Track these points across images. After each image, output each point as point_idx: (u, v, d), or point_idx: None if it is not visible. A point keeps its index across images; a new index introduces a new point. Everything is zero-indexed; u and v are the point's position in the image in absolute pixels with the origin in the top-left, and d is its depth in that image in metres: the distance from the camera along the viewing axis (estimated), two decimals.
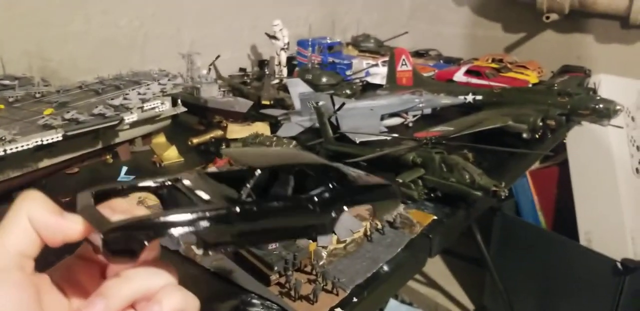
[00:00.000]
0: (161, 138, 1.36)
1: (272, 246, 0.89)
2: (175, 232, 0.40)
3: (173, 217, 0.40)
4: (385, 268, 0.94)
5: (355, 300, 0.85)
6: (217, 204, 0.45)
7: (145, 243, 0.37)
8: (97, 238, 0.36)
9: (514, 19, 2.50)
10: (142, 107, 1.17)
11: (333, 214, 0.54)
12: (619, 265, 1.88)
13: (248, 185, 0.48)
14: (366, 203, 0.59)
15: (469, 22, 2.63)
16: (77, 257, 0.41)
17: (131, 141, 1.28)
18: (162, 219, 0.39)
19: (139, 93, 1.20)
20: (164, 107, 1.22)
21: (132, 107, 1.14)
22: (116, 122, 1.10)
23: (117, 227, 0.36)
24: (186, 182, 0.50)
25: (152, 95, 1.20)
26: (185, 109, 1.32)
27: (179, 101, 1.31)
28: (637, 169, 2.11)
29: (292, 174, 0.56)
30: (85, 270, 0.41)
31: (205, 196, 0.47)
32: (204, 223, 0.42)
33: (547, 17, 2.29)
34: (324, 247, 0.93)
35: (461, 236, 1.78)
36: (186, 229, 0.41)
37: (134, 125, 1.18)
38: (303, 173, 0.56)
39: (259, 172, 0.49)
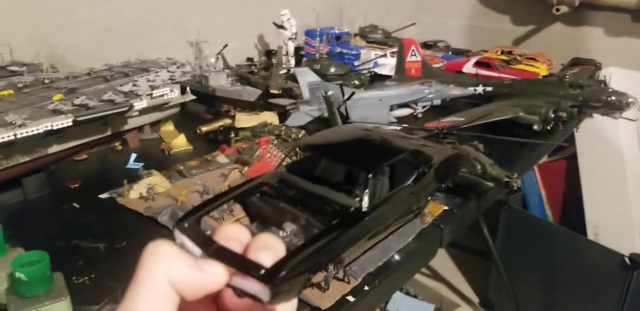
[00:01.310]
0: (170, 126, 1.35)
1: (283, 233, 0.89)
2: (330, 259, 0.43)
3: (323, 247, 0.41)
4: (397, 257, 0.93)
5: (366, 288, 0.85)
6: (341, 216, 0.45)
7: (309, 278, 0.38)
8: (250, 286, 0.33)
9: (522, 11, 2.48)
10: (151, 94, 1.16)
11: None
12: (626, 259, 1.87)
13: (366, 191, 0.48)
14: (450, 175, 0.66)
15: (476, 14, 2.61)
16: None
17: (140, 128, 1.27)
18: (314, 253, 0.40)
19: (148, 80, 1.19)
20: (173, 94, 1.21)
21: (141, 93, 1.13)
22: (126, 109, 1.09)
23: (280, 274, 0.35)
24: (279, 188, 0.50)
25: (162, 83, 1.19)
26: (194, 97, 1.31)
27: (188, 89, 1.30)
28: None
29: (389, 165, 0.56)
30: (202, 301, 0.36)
31: (313, 204, 0.48)
32: (346, 242, 0.44)
33: (557, 10, 2.27)
34: None
35: (468, 229, 1.77)
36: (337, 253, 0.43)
37: (143, 112, 1.17)
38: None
39: (369, 176, 0.50)
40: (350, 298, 0.82)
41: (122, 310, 0.31)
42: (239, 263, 0.34)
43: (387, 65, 1.88)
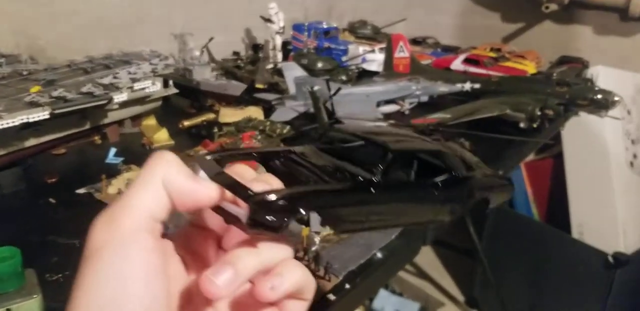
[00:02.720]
0: (151, 121, 1.32)
1: None
2: (325, 205, 0.39)
3: (324, 190, 0.40)
4: (379, 255, 0.91)
5: (347, 286, 0.83)
6: (353, 180, 0.43)
7: (293, 217, 0.35)
8: (234, 208, 0.35)
9: (512, 9, 2.47)
10: (132, 87, 1.13)
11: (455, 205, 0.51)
12: (610, 258, 1.88)
13: (381, 166, 0.46)
14: (487, 194, 0.59)
15: (466, 11, 2.60)
16: (193, 226, 0.40)
17: (120, 122, 1.25)
18: (313, 192, 0.38)
19: (129, 73, 1.16)
20: (155, 87, 1.18)
21: (121, 86, 1.11)
22: (105, 101, 1.07)
23: (267, 199, 0.35)
24: (305, 156, 0.48)
25: (143, 75, 1.16)
26: (177, 90, 1.28)
27: (171, 82, 1.27)
28: (631, 163, 2.10)
29: (416, 159, 0.53)
30: (201, 239, 0.39)
31: (330, 171, 0.46)
32: (348, 200, 0.41)
33: (547, 7, 2.26)
34: (317, 233, 0.90)
35: (453, 226, 1.77)
36: (330, 202, 0.40)
37: (123, 105, 1.14)
38: (420, 159, 0.53)
39: (390, 155, 0.47)
40: (331, 297, 0.81)
41: (119, 198, 0.34)
42: (232, 186, 0.35)
43: (375, 61, 1.86)
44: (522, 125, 1.44)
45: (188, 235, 0.40)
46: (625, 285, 1.89)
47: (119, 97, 1.08)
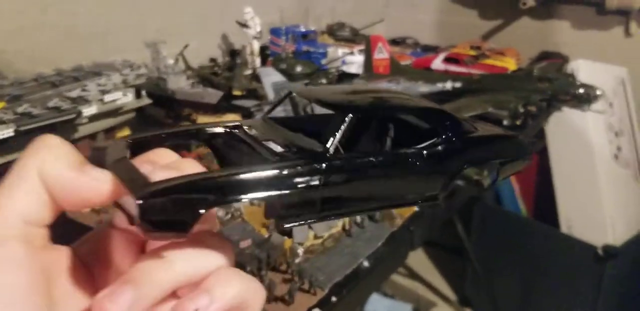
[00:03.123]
0: (125, 133, 1.28)
1: (244, 245, 0.84)
2: (246, 197, 0.29)
3: (241, 176, 0.29)
4: (366, 263, 0.89)
5: (334, 299, 0.81)
6: (296, 159, 0.33)
7: (201, 212, 0.27)
8: (132, 204, 0.26)
9: (490, 6, 2.47)
10: (102, 99, 1.09)
11: (447, 177, 0.41)
12: (599, 251, 1.88)
13: (337, 134, 0.35)
14: (490, 160, 0.46)
15: (444, 9, 2.58)
16: (111, 226, 0.32)
17: (93, 136, 1.20)
18: (226, 179, 0.29)
19: (99, 85, 1.12)
20: (127, 98, 1.15)
21: (91, 99, 1.07)
22: (73, 116, 1.03)
23: (161, 190, 0.27)
24: (251, 131, 0.39)
25: (113, 86, 1.12)
26: (151, 101, 1.24)
27: (143, 92, 1.23)
28: (615, 155, 2.10)
29: (391, 121, 0.43)
30: (119, 243, 0.31)
31: (277, 148, 0.36)
32: (285, 185, 0.31)
33: (524, 4, 2.26)
34: (301, 244, 0.88)
35: (443, 226, 1.75)
36: (260, 194, 0.30)
37: (94, 118, 1.10)
38: (401, 121, 0.43)
39: (350, 116, 0.36)
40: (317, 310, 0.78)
41: None
42: (126, 176, 0.28)
43: (355, 63, 1.84)
44: (505, 122, 1.43)
45: (103, 237, 0.31)
46: (616, 278, 1.89)
47: (88, 111, 1.04)
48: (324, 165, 0.33)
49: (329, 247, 0.91)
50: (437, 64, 1.87)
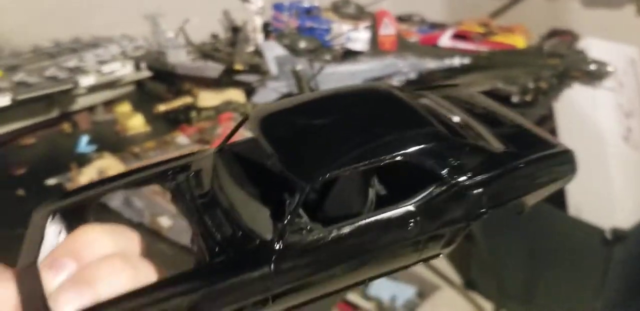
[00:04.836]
0: (125, 107, 1.25)
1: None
2: None
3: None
4: None
5: None
6: (232, 267, 0.28)
7: None
8: None
9: None
10: (100, 70, 1.06)
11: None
12: (607, 234, 1.85)
13: (290, 216, 0.29)
14: (524, 196, 0.38)
15: None
16: None
17: (92, 109, 1.18)
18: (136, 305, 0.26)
19: (97, 56, 1.09)
20: (125, 70, 1.12)
21: (88, 69, 1.03)
22: (71, 86, 1.00)
23: None
24: (191, 184, 0.34)
25: (111, 57, 1.09)
26: (150, 74, 1.21)
27: (143, 65, 1.20)
28: (625, 137, 2.06)
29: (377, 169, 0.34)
30: None
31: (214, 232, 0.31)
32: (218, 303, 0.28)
33: None
34: None
35: None
36: None
37: (92, 90, 1.08)
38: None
39: (307, 189, 0.29)
40: None
41: None
42: (29, 296, 0.26)
43: (359, 39, 1.79)
44: (514, 99, 1.39)
45: None
46: (623, 261, 1.87)
47: (86, 81, 1.01)
48: (271, 268, 0.28)
49: None
50: (445, 40, 1.82)
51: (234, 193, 0.33)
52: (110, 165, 0.98)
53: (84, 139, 1.08)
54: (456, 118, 0.40)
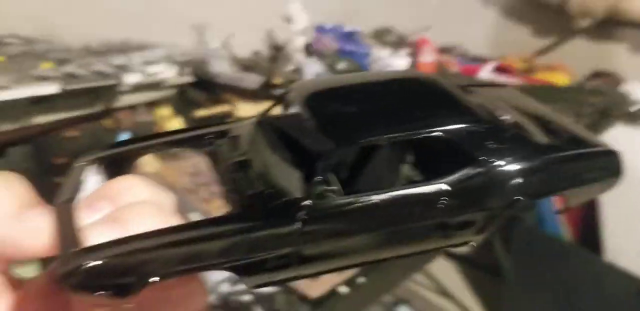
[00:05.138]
0: (166, 109, 1.28)
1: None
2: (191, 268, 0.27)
3: (178, 250, 0.27)
4: None
5: (363, 279, 0.75)
6: (265, 218, 0.29)
7: (150, 280, 0.26)
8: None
9: (544, 22, 2.42)
10: (145, 71, 1.10)
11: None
12: None
13: (319, 171, 0.29)
14: (561, 191, 0.36)
15: (497, 23, 2.55)
16: None
17: (134, 108, 1.21)
18: (161, 253, 0.26)
19: (143, 57, 1.13)
20: (169, 73, 1.15)
21: (134, 68, 1.08)
22: (115, 82, 1.03)
23: (85, 269, 0.24)
24: (231, 146, 0.35)
25: (157, 59, 1.13)
26: (192, 79, 1.25)
27: (186, 71, 1.24)
28: None
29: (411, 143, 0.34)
30: None
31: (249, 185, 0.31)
32: (250, 252, 0.28)
33: (579, 23, 2.21)
34: None
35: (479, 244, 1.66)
36: (221, 264, 0.28)
37: (136, 89, 1.11)
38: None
39: (340, 150, 0.30)
40: (343, 289, 0.73)
41: None
42: (64, 231, 0.26)
43: (398, 65, 1.81)
44: None
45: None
46: None
47: (130, 79, 1.05)
48: (297, 225, 0.28)
49: None
50: (486, 73, 1.82)
51: (269, 159, 0.34)
52: (147, 161, 1.00)
53: (124, 136, 1.11)
54: (500, 111, 0.39)
